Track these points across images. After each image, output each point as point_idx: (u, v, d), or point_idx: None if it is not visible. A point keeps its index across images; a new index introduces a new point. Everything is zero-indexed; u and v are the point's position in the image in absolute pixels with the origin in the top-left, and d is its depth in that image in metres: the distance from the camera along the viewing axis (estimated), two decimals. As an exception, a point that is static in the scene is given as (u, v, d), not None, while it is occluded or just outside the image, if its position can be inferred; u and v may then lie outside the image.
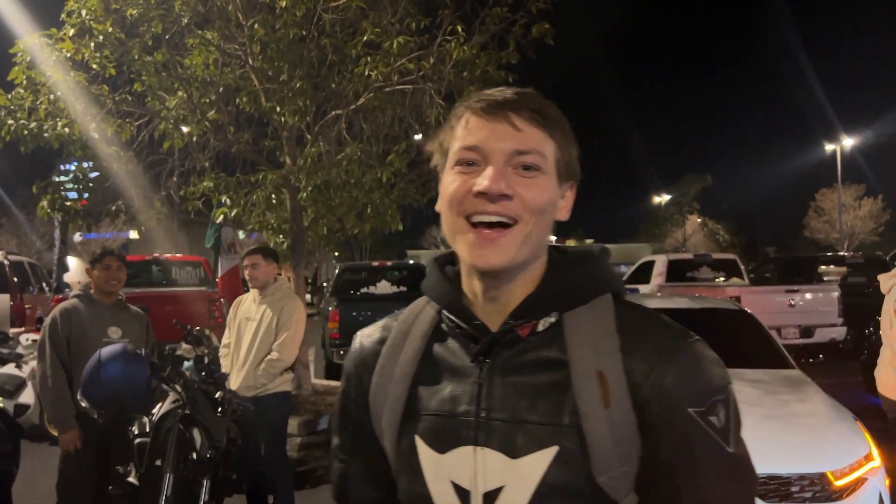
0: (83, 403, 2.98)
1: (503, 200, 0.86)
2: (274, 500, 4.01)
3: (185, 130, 7.12)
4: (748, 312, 5.51)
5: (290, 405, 4.32)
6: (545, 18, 6.79)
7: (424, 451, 0.92)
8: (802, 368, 4.86)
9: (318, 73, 7.37)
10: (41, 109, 6.57)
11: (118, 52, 6.62)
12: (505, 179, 0.86)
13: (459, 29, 6.71)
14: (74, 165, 8.44)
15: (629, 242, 61.45)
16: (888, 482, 3.56)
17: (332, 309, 9.43)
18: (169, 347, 3.75)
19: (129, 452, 3.31)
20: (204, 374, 4.50)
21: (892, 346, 3.89)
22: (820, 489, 3.34)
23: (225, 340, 4.38)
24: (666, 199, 52.52)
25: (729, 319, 5.44)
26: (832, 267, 13.66)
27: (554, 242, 1.00)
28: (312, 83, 7.13)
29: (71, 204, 7.40)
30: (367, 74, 6.63)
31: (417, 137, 8.00)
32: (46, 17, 6.97)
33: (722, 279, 12.81)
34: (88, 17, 6.33)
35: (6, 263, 11.54)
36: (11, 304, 11.15)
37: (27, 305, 11.74)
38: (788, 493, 3.32)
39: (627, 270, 15.87)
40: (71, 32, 6.42)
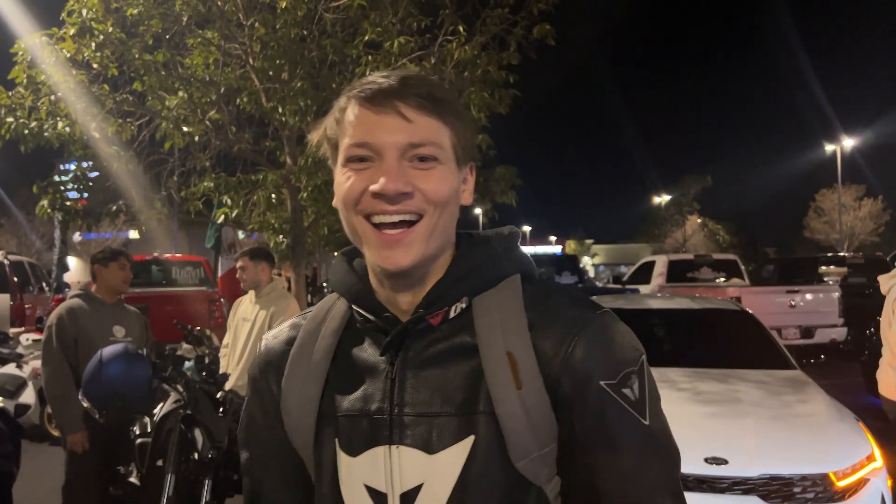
0: (84, 404, 2.98)
1: (403, 199, 0.82)
2: None
3: (185, 130, 7.12)
4: (750, 313, 5.51)
5: None
6: (546, 19, 6.79)
7: (340, 455, 0.87)
8: (803, 369, 4.86)
9: (318, 72, 7.37)
10: (42, 109, 6.57)
11: (119, 51, 6.62)
12: (402, 176, 0.81)
13: (461, 29, 6.71)
14: (74, 165, 8.42)
15: (629, 243, 61.47)
16: (890, 483, 3.55)
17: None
18: (169, 347, 3.74)
19: (130, 453, 3.31)
20: (205, 374, 4.51)
21: (891, 346, 3.88)
22: (822, 490, 3.34)
23: (225, 341, 4.39)
24: (666, 199, 52.52)
25: (730, 320, 5.44)
26: (832, 267, 13.66)
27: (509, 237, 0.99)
28: (313, 83, 7.12)
29: (71, 204, 7.39)
30: (367, 74, 6.63)
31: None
32: (47, 16, 6.96)
33: (722, 280, 12.81)
34: (89, 16, 6.33)
35: (6, 263, 11.53)
36: (11, 304, 11.14)
37: (27, 305, 11.73)
38: (791, 493, 3.32)
39: (628, 271, 15.87)
40: (72, 32, 6.42)
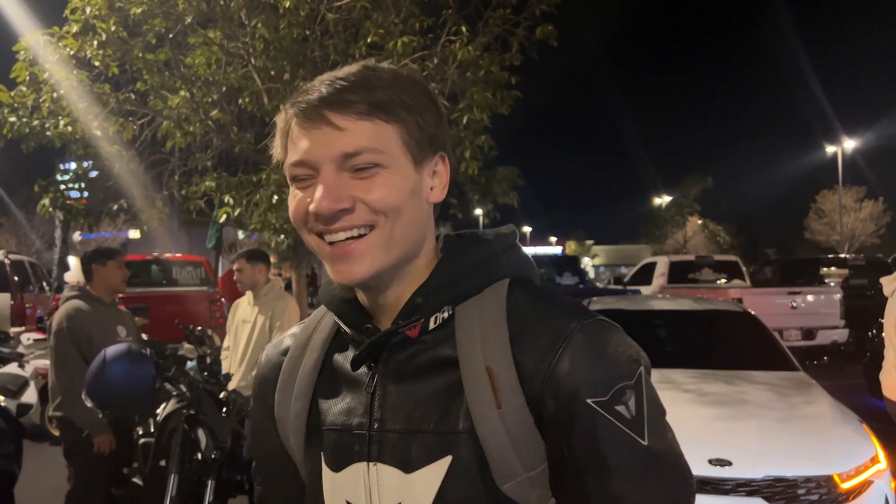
0: (88, 403, 2.97)
1: (343, 215, 0.76)
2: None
3: (187, 130, 7.11)
4: (752, 314, 5.50)
5: None
6: (548, 20, 6.80)
7: (325, 469, 0.85)
8: (805, 371, 4.85)
9: (321, 73, 7.34)
10: (44, 107, 6.57)
11: (121, 50, 6.61)
12: (338, 191, 0.76)
13: (463, 29, 6.71)
14: (74, 164, 8.42)
15: (630, 244, 61.47)
16: (894, 485, 3.55)
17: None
18: (170, 348, 3.73)
19: (133, 453, 3.30)
20: (207, 374, 4.50)
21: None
22: (826, 492, 3.33)
23: (226, 344, 4.40)
24: (667, 200, 52.53)
25: (733, 321, 5.43)
26: (834, 269, 13.66)
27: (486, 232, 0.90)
28: (315, 83, 7.12)
29: (72, 203, 7.39)
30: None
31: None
32: (49, 14, 6.96)
33: (723, 281, 12.81)
34: (92, 14, 6.33)
35: (7, 263, 11.52)
36: (12, 303, 11.13)
37: (28, 305, 11.71)
38: (795, 495, 3.31)
39: (629, 272, 15.87)
40: (74, 29, 6.42)
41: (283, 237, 7.96)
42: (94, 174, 7.95)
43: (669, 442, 0.78)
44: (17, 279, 11.59)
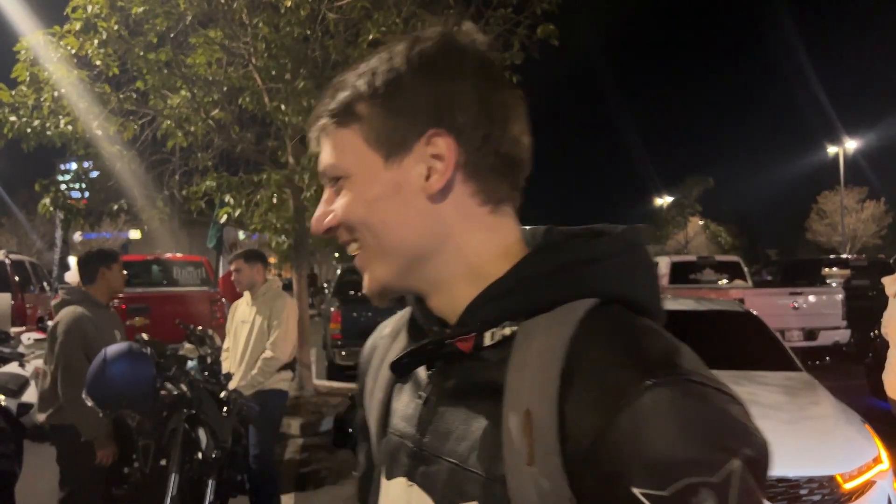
0: (88, 403, 2.96)
1: (336, 233, 0.74)
2: (256, 498, 3.92)
3: (188, 129, 7.12)
4: (754, 315, 5.49)
5: (283, 404, 4.29)
6: (549, 20, 6.79)
7: (381, 471, 0.79)
8: (808, 371, 4.84)
9: (321, 72, 7.36)
10: (45, 107, 6.57)
11: (122, 49, 6.62)
12: (321, 213, 0.74)
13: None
14: (74, 165, 8.42)
15: (630, 244, 61.27)
16: (897, 485, 3.54)
17: (333, 310, 9.42)
18: (171, 348, 3.72)
19: (134, 452, 3.29)
20: (207, 374, 4.49)
21: None
22: (829, 492, 3.32)
23: (225, 345, 4.39)
24: (668, 200, 52.50)
25: (735, 322, 5.42)
26: (836, 269, 13.65)
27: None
28: (316, 83, 7.11)
29: (73, 202, 7.39)
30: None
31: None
32: (50, 14, 6.96)
33: (725, 281, 12.80)
34: (93, 13, 6.33)
35: (7, 263, 11.52)
36: (13, 303, 11.13)
37: (28, 305, 11.72)
38: (797, 496, 3.30)
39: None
40: (77, 27, 6.42)
41: (283, 238, 7.97)
42: (94, 174, 7.95)
43: None
44: (17, 279, 11.59)
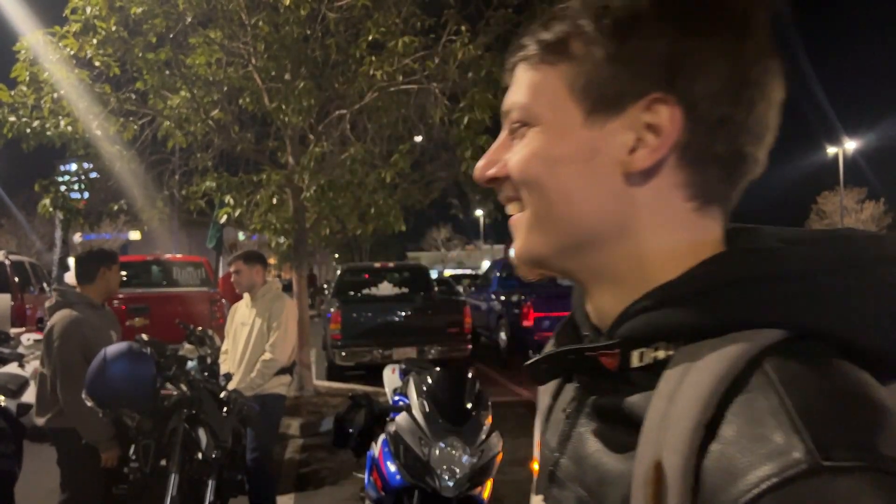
0: (88, 403, 2.95)
1: (497, 185, 0.63)
2: (253, 501, 3.91)
3: (188, 130, 7.12)
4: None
5: (281, 408, 4.26)
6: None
7: (533, 481, 0.70)
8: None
9: (321, 72, 7.36)
10: (45, 108, 6.57)
11: (121, 50, 6.61)
12: (489, 157, 0.63)
13: (464, 29, 6.70)
14: (74, 165, 8.43)
15: (629, 245, 61.47)
16: None
17: (333, 310, 9.40)
18: (171, 348, 3.71)
19: (133, 452, 3.28)
20: (207, 374, 4.48)
21: None
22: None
23: (224, 347, 4.38)
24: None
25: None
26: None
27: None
28: (316, 83, 7.12)
29: (73, 203, 7.39)
30: (371, 74, 6.62)
31: (417, 139, 8.00)
32: (49, 14, 6.96)
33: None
34: (93, 14, 6.33)
35: (7, 263, 11.52)
36: (12, 303, 11.12)
37: (28, 306, 11.70)
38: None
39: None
40: (75, 28, 6.42)
41: (283, 238, 7.96)
42: (94, 175, 7.95)
43: None
44: (17, 280, 11.59)
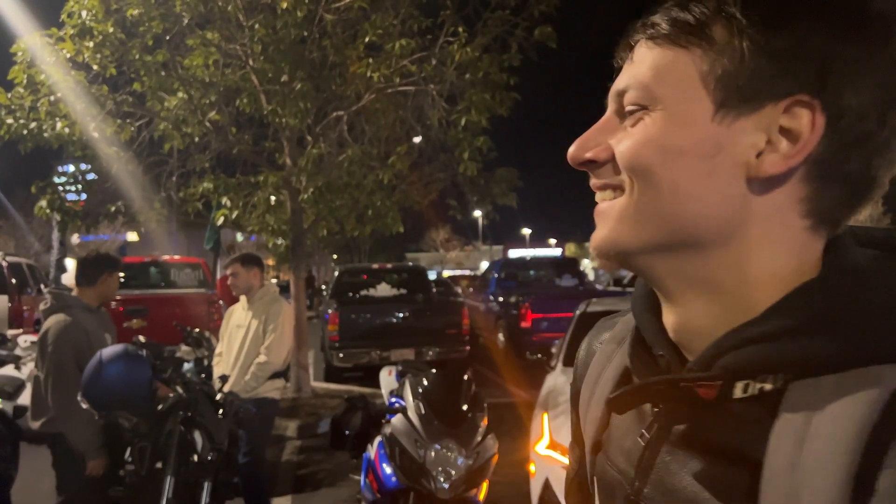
0: (84, 405, 2.95)
1: (593, 167, 0.59)
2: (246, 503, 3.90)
3: (185, 131, 7.11)
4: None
5: (273, 412, 4.25)
6: (547, 21, 6.79)
7: (597, 497, 0.68)
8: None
9: (319, 74, 7.37)
10: (42, 110, 6.56)
11: (118, 52, 6.61)
12: (589, 138, 0.59)
13: (461, 31, 6.70)
14: (72, 167, 8.43)
15: (628, 246, 61.55)
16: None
17: (331, 311, 9.40)
18: (168, 350, 3.70)
19: (129, 454, 3.28)
20: (204, 375, 4.48)
21: None
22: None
23: (218, 350, 4.36)
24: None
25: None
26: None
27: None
28: (314, 84, 7.12)
29: (70, 205, 7.39)
30: (368, 76, 6.62)
31: (416, 139, 8.01)
32: (47, 16, 6.96)
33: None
34: (89, 17, 6.32)
35: (4, 265, 11.50)
36: (10, 305, 11.10)
37: (25, 307, 11.69)
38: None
39: (628, 273, 15.87)
40: (71, 32, 6.41)
41: (280, 239, 7.97)
42: (91, 176, 7.95)
43: None
44: (14, 281, 11.57)
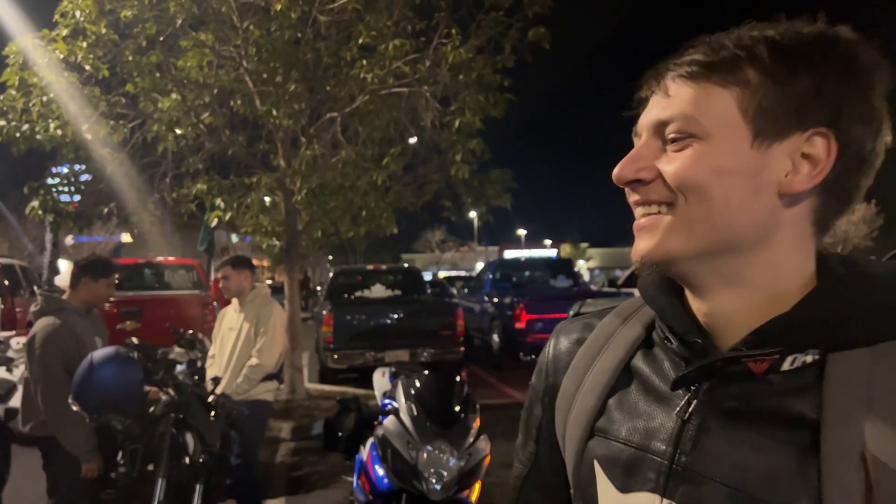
0: (74, 408, 2.94)
1: (639, 186, 0.70)
2: None
3: (178, 133, 7.10)
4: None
5: (266, 414, 4.24)
6: (541, 22, 6.80)
7: (604, 482, 0.75)
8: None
9: (313, 75, 7.36)
10: (34, 111, 6.54)
11: (111, 53, 6.59)
12: (636, 160, 0.70)
13: (455, 32, 6.71)
14: (66, 169, 8.39)
15: (625, 246, 61.80)
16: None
17: (325, 313, 9.38)
18: (161, 351, 3.69)
19: (121, 457, 3.27)
20: (197, 377, 4.46)
21: None
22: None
23: (211, 352, 4.36)
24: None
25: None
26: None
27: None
28: (307, 86, 7.11)
29: (63, 206, 7.36)
30: (362, 77, 6.62)
31: (412, 140, 8.01)
32: (39, 18, 6.93)
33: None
34: (82, 18, 6.30)
35: (-3, 266, 11.47)
36: (2, 307, 11.06)
37: (18, 309, 11.64)
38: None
39: (623, 274, 15.91)
40: (64, 33, 6.39)
41: (275, 241, 7.95)
42: (85, 177, 7.92)
43: None
44: (7, 283, 11.54)
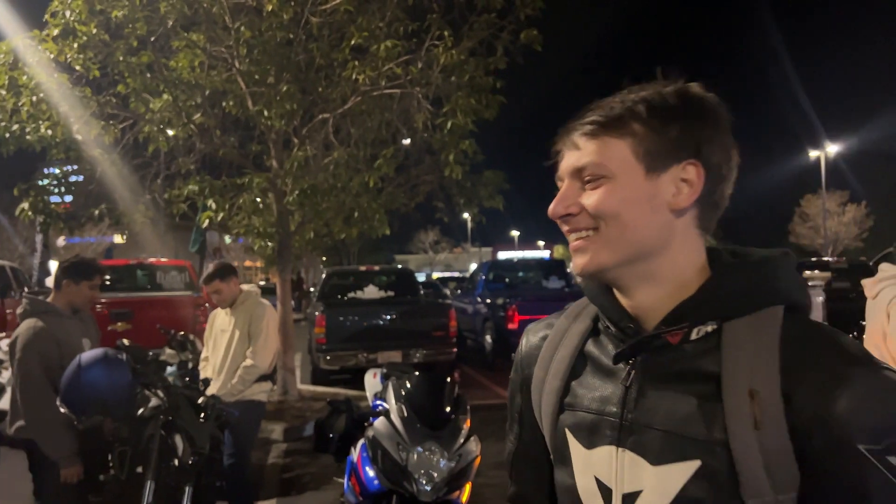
0: (62, 410, 2.92)
1: (569, 218, 0.90)
2: None
3: (170, 133, 7.07)
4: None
5: (260, 415, 4.22)
6: (533, 25, 6.82)
7: (574, 444, 0.96)
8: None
9: (305, 76, 7.34)
10: (24, 111, 6.50)
11: (102, 53, 6.56)
12: (565, 199, 0.90)
13: (447, 34, 6.71)
14: (57, 170, 8.35)
15: (616, 248, 61.70)
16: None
17: (318, 314, 9.36)
18: (152, 353, 3.67)
19: (110, 459, 3.25)
20: (188, 379, 4.45)
21: (893, 354, 3.86)
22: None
23: (204, 354, 4.34)
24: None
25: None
26: (816, 272, 13.75)
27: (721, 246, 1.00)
28: (300, 87, 7.09)
29: (53, 207, 7.32)
30: (354, 78, 6.61)
31: (406, 142, 8.00)
32: (29, 18, 6.90)
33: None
34: (73, 18, 6.27)
35: (-13, 267, 11.39)
36: (-8, 308, 10.99)
37: (8, 310, 11.56)
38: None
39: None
40: (55, 33, 6.36)
41: (267, 242, 7.92)
42: (75, 178, 7.88)
43: None
44: (-3, 284, 11.46)
